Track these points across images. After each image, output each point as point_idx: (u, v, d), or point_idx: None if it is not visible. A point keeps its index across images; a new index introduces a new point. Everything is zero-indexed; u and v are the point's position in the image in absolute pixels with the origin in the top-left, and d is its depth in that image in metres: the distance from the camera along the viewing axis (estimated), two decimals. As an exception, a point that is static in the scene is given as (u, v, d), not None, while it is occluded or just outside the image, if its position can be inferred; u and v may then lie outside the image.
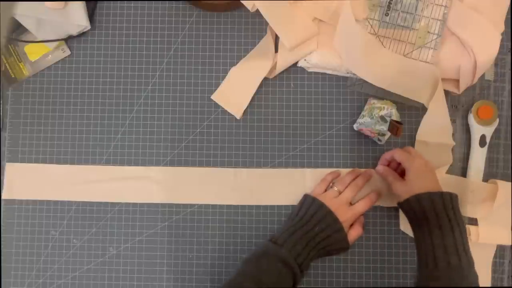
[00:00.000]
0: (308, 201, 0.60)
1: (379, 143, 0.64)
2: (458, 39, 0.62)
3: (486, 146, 0.63)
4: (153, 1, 0.67)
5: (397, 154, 0.59)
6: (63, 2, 0.62)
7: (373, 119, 0.61)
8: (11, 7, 0.50)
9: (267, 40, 0.65)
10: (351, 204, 0.60)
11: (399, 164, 0.61)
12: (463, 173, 0.65)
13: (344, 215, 0.58)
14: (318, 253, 0.56)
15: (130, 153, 0.65)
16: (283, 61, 0.64)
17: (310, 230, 0.56)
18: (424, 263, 0.53)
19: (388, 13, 0.63)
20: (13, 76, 0.66)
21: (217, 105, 0.66)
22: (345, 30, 0.61)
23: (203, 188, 0.64)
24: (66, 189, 0.65)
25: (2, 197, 0.65)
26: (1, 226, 0.65)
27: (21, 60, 0.66)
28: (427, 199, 0.54)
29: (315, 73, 0.66)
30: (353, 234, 0.59)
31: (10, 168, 0.65)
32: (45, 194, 0.65)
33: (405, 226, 0.63)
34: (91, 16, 0.65)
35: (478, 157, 0.64)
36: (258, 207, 0.64)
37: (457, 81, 0.63)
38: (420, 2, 0.62)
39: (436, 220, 0.53)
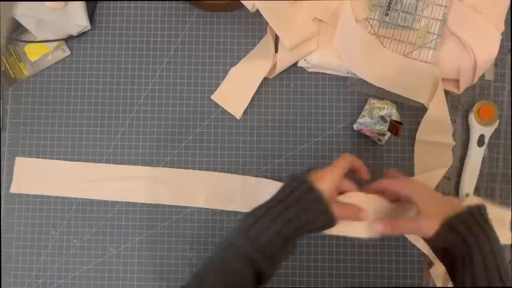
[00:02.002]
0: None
1: (379, 143, 0.64)
2: (458, 39, 0.62)
3: (484, 146, 0.63)
4: (153, 1, 0.67)
5: (390, 184, 0.52)
6: (63, 2, 0.62)
7: (373, 119, 0.61)
8: (11, 7, 0.50)
9: (267, 40, 0.65)
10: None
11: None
12: (461, 173, 0.64)
13: (320, 172, 0.50)
14: (294, 232, 0.47)
15: (130, 153, 0.65)
16: (283, 61, 0.64)
17: (279, 204, 0.48)
18: None
19: (388, 13, 0.63)
20: (13, 76, 0.66)
21: (217, 105, 0.66)
22: (345, 30, 0.61)
23: (210, 192, 0.64)
24: (73, 185, 0.65)
25: (11, 191, 0.65)
26: (1, 226, 0.65)
27: (21, 60, 0.66)
28: (460, 222, 0.47)
29: (315, 73, 0.66)
30: (342, 211, 0.50)
31: (19, 162, 0.65)
32: (53, 190, 0.65)
33: None
34: (91, 16, 0.65)
35: (475, 157, 0.63)
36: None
37: (457, 81, 0.63)
38: (420, 2, 0.62)
39: (476, 243, 0.46)
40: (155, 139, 0.66)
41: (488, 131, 0.63)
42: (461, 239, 0.47)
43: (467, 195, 0.63)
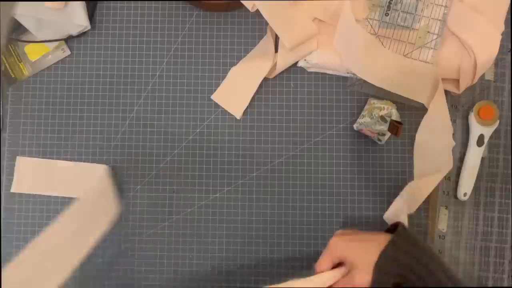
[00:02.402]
0: None
1: (379, 143, 0.64)
2: (458, 39, 0.62)
3: (484, 146, 0.63)
4: (153, 1, 0.67)
5: (320, 266, 0.52)
6: (63, 2, 0.62)
7: (373, 119, 0.61)
8: (11, 7, 0.50)
9: (267, 40, 0.65)
10: None
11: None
12: (460, 172, 0.64)
13: None
14: None
15: (130, 153, 0.65)
16: (283, 61, 0.64)
17: None
18: None
19: (388, 13, 0.63)
20: (13, 76, 0.66)
21: (217, 105, 0.66)
22: (345, 30, 0.61)
23: None
24: (75, 185, 0.65)
25: (12, 190, 0.65)
26: (1, 226, 0.65)
27: (21, 60, 0.66)
28: (387, 261, 0.48)
29: (315, 73, 0.66)
30: None
31: (21, 162, 0.65)
32: (54, 189, 0.65)
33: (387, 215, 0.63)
34: (91, 16, 0.65)
35: (474, 156, 0.63)
36: (258, 206, 0.64)
37: (457, 81, 0.63)
38: (420, 2, 0.62)
39: (411, 272, 0.47)
40: (155, 139, 0.66)
41: (488, 131, 0.63)
42: (396, 276, 0.47)
43: (465, 194, 0.63)
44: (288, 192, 0.65)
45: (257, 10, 0.61)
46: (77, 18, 0.63)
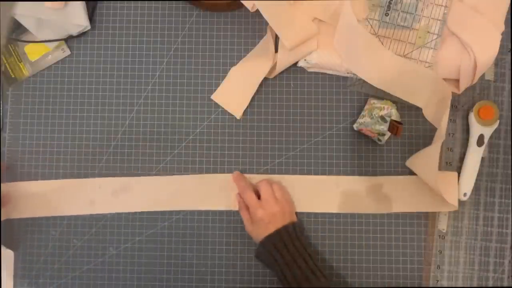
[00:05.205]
0: None
1: (379, 143, 0.64)
2: (458, 39, 0.62)
3: (484, 146, 0.63)
4: (153, 1, 0.67)
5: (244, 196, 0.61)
6: (63, 2, 0.62)
7: (373, 119, 0.61)
8: (11, 7, 0.50)
9: (267, 40, 0.65)
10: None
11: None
12: (460, 172, 0.64)
13: None
14: None
15: (130, 153, 0.65)
16: (283, 61, 0.64)
17: None
18: None
19: (388, 13, 0.63)
20: (13, 76, 0.66)
21: (217, 105, 0.66)
22: (345, 30, 0.61)
23: (204, 194, 0.65)
24: (64, 205, 0.65)
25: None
26: (1, 226, 0.65)
27: (21, 60, 0.66)
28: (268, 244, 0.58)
29: (315, 73, 0.66)
30: None
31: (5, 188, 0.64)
32: (43, 211, 0.64)
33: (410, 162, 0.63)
34: (91, 16, 0.66)
35: (475, 156, 0.63)
36: (258, 207, 0.64)
37: (457, 81, 0.63)
38: (420, 2, 0.62)
39: (282, 258, 0.57)
40: (155, 139, 0.66)
41: (488, 131, 0.63)
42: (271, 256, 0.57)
43: (465, 194, 0.63)
44: (288, 192, 0.65)
45: (257, 10, 0.61)
46: (77, 18, 0.63)
